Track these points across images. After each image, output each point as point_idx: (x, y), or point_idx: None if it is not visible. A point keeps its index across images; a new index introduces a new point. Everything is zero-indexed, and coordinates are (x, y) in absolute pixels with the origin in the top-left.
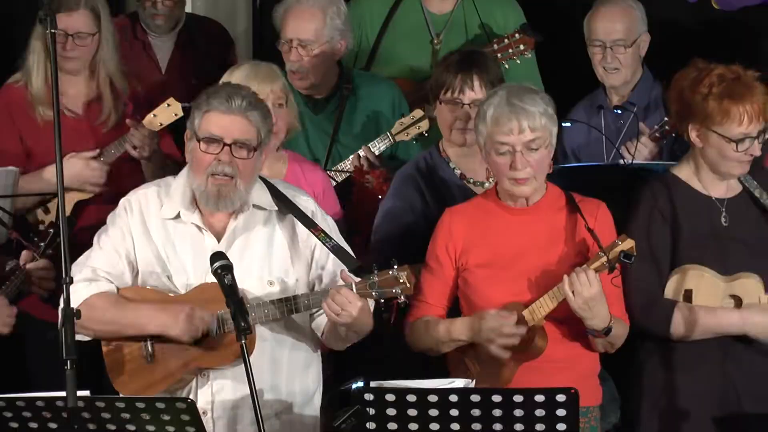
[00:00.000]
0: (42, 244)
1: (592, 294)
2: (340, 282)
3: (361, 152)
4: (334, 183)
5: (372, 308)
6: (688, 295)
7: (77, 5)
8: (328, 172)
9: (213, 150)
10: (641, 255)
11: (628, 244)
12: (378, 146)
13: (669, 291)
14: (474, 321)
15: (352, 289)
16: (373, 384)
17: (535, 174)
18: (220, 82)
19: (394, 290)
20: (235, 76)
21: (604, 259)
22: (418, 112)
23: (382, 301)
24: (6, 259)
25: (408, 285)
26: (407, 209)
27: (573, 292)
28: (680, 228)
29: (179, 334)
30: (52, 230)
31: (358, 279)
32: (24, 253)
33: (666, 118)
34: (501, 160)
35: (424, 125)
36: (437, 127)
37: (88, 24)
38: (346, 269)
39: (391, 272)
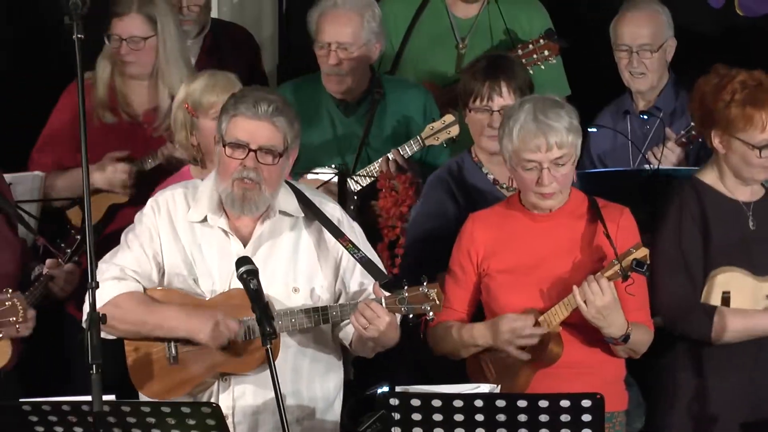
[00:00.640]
0: (68, 250)
1: (605, 303)
2: (368, 293)
3: (391, 155)
4: (359, 187)
5: (399, 322)
6: (726, 299)
7: (129, 9)
8: (354, 176)
9: (238, 155)
10: (674, 260)
11: (641, 252)
12: (408, 150)
13: (706, 295)
14: (492, 324)
15: (381, 304)
16: (398, 389)
17: (560, 188)
18: (179, 94)
19: (423, 307)
20: (193, 87)
21: (618, 267)
22: (449, 117)
23: (411, 316)
24: (34, 265)
25: (437, 302)
26: (439, 213)
27: (585, 302)
28: (710, 232)
29: (206, 340)
30: (79, 236)
31: (388, 294)
32: (49, 261)
33: (692, 123)
34: (528, 175)
35: (455, 130)
36: (466, 131)
37: (141, 28)
38: (377, 283)
39: (421, 289)
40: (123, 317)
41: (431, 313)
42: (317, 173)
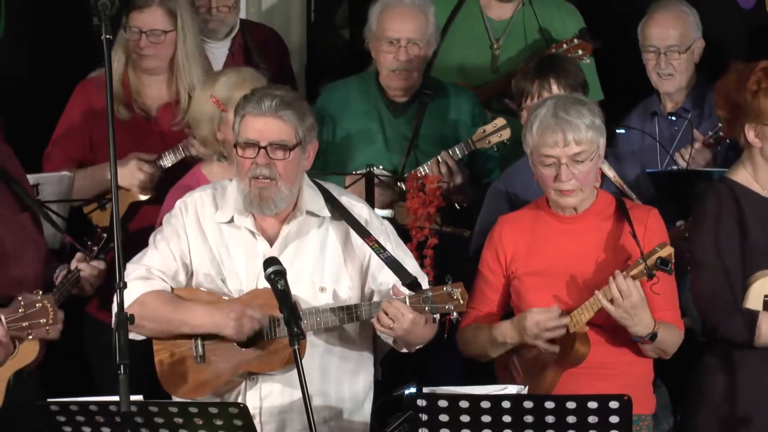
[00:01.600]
0: (95, 248)
1: (632, 302)
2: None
3: (441, 157)
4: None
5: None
6: (767, 303)
7: (151, 2)
8: (380, 176)
9: (250, 154)
10: (711, 262)
11: (666, 251)
12: (458, 153)
13: (747, 299)
14: (518, 321)
15: (405, 301)
16: (425, 390)
17: (580, 186)
18: (202, 90)
19: (447, 306)
20: (218, 85)
21: (643, 266)
22: (500, 121)
23: (435, 316)
24: (57, 265)
25: (461, 302)
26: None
27: (611, 301)
28: (747, 232)
29: (231, 333)
30: (105, 234)
31: (411, 293)
32: (78, 255)
33: (720, 125)
34: (546, 171)
35: (506, 134)
36: (516, 136)
37: (162, 21)
38: (398, 284)
39: (445, 288)
40: (149, 315)
41: (455, 313)
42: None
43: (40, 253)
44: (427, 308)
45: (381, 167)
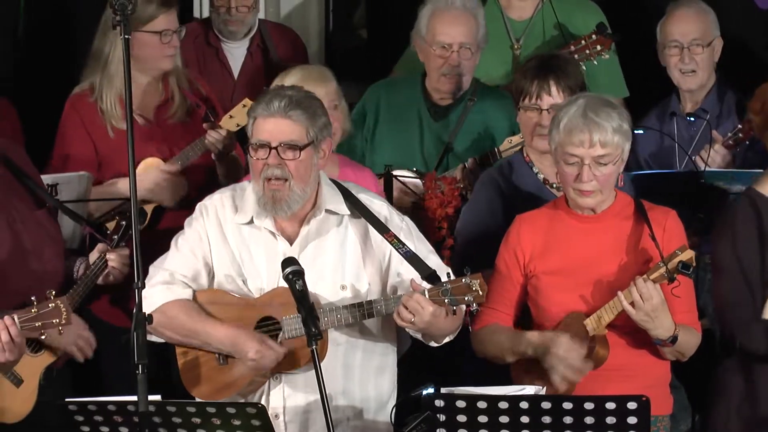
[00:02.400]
0: (115, 236)
1: (653, 306)
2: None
3: (468, 164)
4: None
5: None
6: None
7: (172, 2)
8: (397, 178)
9: (262, 155)
10: (733, 273)
11: (687, 254)
12: (489, 159)
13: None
14: (544, 341)
15: (424, 294)
16: (443, 390)
17: (600, 188)
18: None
19: (466, 298)
20: (286, 80)
21: (663, 269)
22: None
23: (454, 308)
24: (75, 259)
25: (480, 293)
26: (488, 212)
27: (633, 305)
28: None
29: (252, 366)
30: (124, 222)
31: (429, 286)
32: (99, 245)
33: (739, 126)
34: (569, 170)
35: None
36: None
37: (176, 22)
38: (416, 279)
39: (464, 280)
40: (170, 325)
41: (475, 304)
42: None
43: (58, 250)
44: (446, 300)
45: (413, 169)
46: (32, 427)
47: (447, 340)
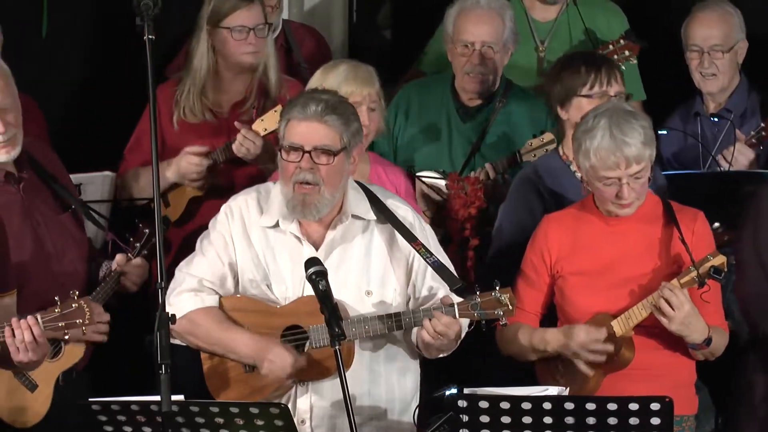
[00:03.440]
0: (137, 244)
1: (685, 313)
2: (437, 299)
3: (486, 167)
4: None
5: (463, 333)
6: None
7: None
8: (422, 179)
9: (294, 158)
10: (754, 264)
11: (719, 259)
12: (506, 164)
13: None
14: (563, 333)
15: (454, 308)
16: (466, 391)
17: (638, 196)
18: (315, 75)
19: (496, 312)
20: (332, 75)
21: (694, 274)
22: (548, 136)
23: (483, 321)
24: (102, 261)
25: (510, 307)
26: (526, 211)
27: (664, 314)
28: None
29: (272, 379)
30: (147, 230)
31: (460, 300)
32: (118, 256)
33: (762, 124)
34: (607, 190)
35: (552, 148)
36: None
37: (262, 16)
38: (448, 295)
39: (493, 294)
40: (197, 333)
41: (504, 319)
42: (425, 176)
43: (82, 253)
44: (476, 314)
45: (440, 170)
46: (53, 429)
47: (441, 355)
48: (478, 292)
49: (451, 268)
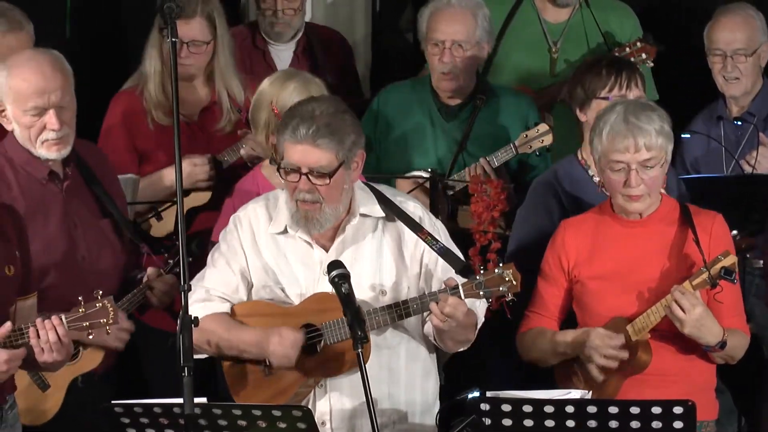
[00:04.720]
0: (170, 261)
1: (697, 315)
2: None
3: (480, 162)
4: (450, 192)
5: (479, 323)
6: None
7: (194, 13)
8: (448, 180)
9: (293, 179)
10: None
11: (730, 260)
12: (500, 158)
13: None
14: (579, 336)
15: (459, 289)
16: (489, 394)
17: (648, 191)
18: (261, 95)
19: (501, 288)
20: (283, 90)
21: (706, 275)
22: (542, 126)
23: (490, 300)
24: (137, 273)
25: (515, 283)
26: (545, 216)
27: (679, 321)
28: None
29: (277, 361)
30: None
31: (464, 280)
32: (150, 269)
33: None
34: (615, 177)
35: (548, 139)
36: (560, 139)
37: (204, 32)
38: (452, 277)
39: (496, 271)
40: (208, 339)
41: (509, 294)
42: (410, 176)
43: (117, 261)
44: (480, 293)
45: (429, 170)
46: (67, 429)
47: (461, 348)
48: (481, 272)
49: (460, 256)
